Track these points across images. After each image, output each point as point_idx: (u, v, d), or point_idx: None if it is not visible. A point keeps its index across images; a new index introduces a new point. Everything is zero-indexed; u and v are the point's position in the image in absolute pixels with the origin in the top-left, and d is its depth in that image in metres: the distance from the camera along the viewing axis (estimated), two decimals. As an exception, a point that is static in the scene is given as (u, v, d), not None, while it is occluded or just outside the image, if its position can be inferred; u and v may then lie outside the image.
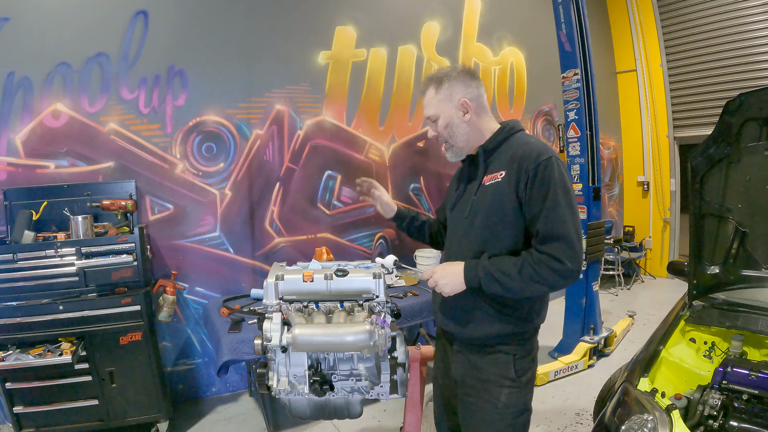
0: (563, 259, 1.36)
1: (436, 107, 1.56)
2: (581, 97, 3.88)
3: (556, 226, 1.38)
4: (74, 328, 2.56)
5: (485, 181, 1.53)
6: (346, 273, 1.82)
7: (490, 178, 1.51)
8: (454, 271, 1.48)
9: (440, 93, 1.55)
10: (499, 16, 5.05)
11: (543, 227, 1.39)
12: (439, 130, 1.58)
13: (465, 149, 1.59)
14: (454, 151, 1.60)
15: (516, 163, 1.44)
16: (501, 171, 1.48)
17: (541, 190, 1.39)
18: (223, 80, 3.47)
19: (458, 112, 1.54)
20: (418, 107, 4.41)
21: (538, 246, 1.40)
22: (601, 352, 4.02)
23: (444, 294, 1.51)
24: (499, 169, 1.49)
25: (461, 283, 1.47)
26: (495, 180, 1.49)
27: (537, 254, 1.39)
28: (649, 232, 6.61)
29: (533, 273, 1.38)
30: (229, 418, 3.21)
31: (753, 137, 2.15)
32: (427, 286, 1.75)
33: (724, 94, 5.49)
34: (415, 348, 2.12)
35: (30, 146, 2.91)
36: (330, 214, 3.97)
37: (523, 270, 1.39)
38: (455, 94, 1.54)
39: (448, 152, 1.62)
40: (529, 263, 1.39)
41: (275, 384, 1.70)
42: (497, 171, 1.49)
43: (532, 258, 1.39)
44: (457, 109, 1.54)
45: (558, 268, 1.36)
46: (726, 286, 2.35)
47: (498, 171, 1.49)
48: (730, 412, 1.65)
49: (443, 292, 1.51)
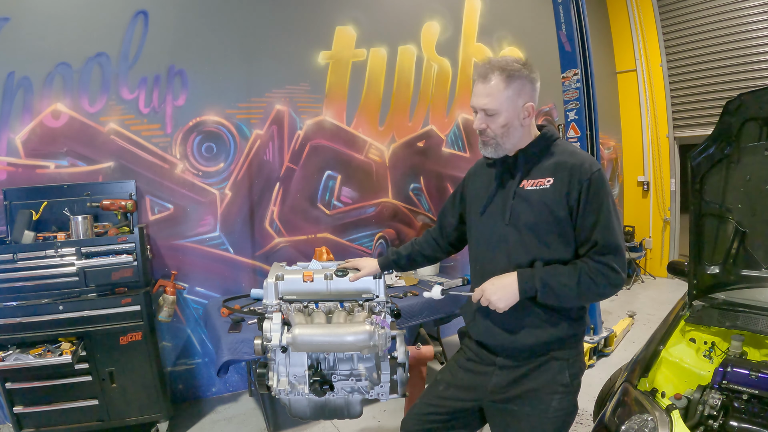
0: (618, 269, 1.38)
1: (500, 103, 1.43)
2: (581, 97, 3.88)
3: (611, 236, 1.39)
4: (74, 328, 2.55)
5: (524, 185, 1.48)
6: (346, 273, 1.82)
7: (532, 184, 1.46)
8: (506, 284, 1.41)
9: (509, 89, 1.42)
10: (499, 16, 5.05)
11: (600, 237, 1.39)
12: (494, 127, 1.46)
13: (508, 150, 1.51)
14: (498, 151, 1.50)
15: (566, 172, 1.42)
16: (547, 178, 1.44)
17: (596, 200, 1.40)
18: (223, 80, 3.47)
19: (520, 115, 1.46)
20: (418, 107, 4.41)
21: (594, 256, 1.40)
22: (601, 352, 4.02)
23: (499, 310, 1.43)
24: (544, 175, 1.45)
25: (515, 294, 1.41)
26: (541, 186, 1.45)
27: (594, 264, 1.39)
28: (649, 232, 6.61)
29: (591, 283, 1.37)
30: (229, 418, 3.21)
31: (753, 137, 2.15)
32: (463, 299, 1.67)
33: (724, 94, 5.48)
34: (415, 348, 2.12)
35: (30, 146, 2.91)
36: (330, 214, 3.97)
37: (581, 280, 1.37)
38: (524, 95, 1.45)
39: (488, 149, 1.50)
40: (587, 273, 1.38)
41: (275, 384, 1.71)
42: (542, 177, 1.45)
43: (590, 268, 1.38)
44: (520, 111, 1.45)
45: (613, 279, 1.38)
46: (726, 286, 2.35)
47: (543, 177, 1.45)
48: (730, 412, 1.65)
49: (498, 309, 1.42)
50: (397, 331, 1.83)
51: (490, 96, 1.43)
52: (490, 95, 1.43)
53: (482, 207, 1.56)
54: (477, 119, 1.48)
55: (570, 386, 1.50)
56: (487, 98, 1.44)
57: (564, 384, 1.49)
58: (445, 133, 4.61)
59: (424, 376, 2.14)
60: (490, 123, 1.46)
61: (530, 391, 1.49)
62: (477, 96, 1.46)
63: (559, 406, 1.48)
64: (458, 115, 4.69)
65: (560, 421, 1.50)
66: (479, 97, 1.45)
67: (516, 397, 1.50)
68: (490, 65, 1.44)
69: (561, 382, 1.49)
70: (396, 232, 4.30)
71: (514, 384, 1.50)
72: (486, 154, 1.52)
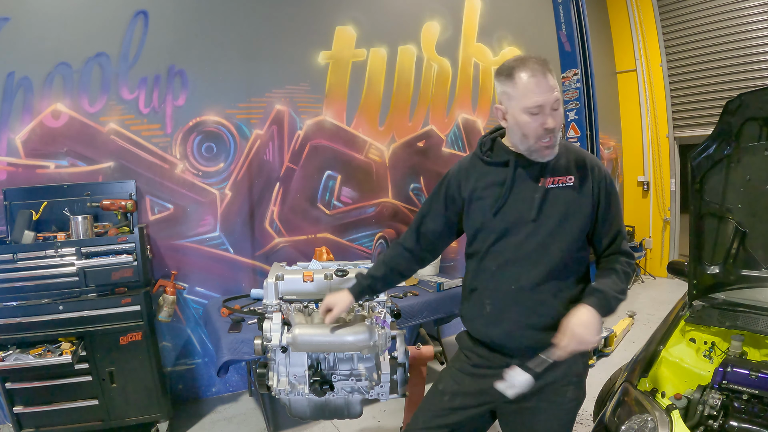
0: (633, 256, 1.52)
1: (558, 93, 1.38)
2: (581, 97, 3.89)
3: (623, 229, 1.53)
4: (74, 328, 2.55)
5: (547, 183, 1.45)
6: (346, 273, 1.82)
7: (555, 181, 1.45)
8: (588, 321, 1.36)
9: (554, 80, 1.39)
10: (499, 16, 5.05)
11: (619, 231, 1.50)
12: (560, 120, 1.40)
13: None
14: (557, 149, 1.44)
15: (587, 169, 1.48)
16: (569, 175, 1.45)
17: (613, 194, 1.50)
18: (223, 80, 3.47)
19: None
20: (418, 107, 4.41)
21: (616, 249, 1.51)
22: (601, 352, 4.02)
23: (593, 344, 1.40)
24: (565, 173, 1.46)
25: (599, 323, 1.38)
26: (564, 184, 1.45)
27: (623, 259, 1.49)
28: (649, 232, 6.61)
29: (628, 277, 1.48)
30: (229, 418, 3.21)
31: (753, 137, 2.15)
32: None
33: (724, 94, 5.47)
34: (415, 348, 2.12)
35: (30, 146, 2.91)
36: (330, 214, 3.97)
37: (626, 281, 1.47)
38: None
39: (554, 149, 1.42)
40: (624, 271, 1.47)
41: (275, 384, 1.71)
42: (563, 175, 1.45)
43: (623, 265, 1.48)
44: None
45: (633, 266, 1.51)
46: (726, 286, 2.35)
47: (564, 175, 1.45)
48: (730, 412, 1.65)
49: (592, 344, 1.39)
50: (397, 331, 1.83)
51: (556, 89, 1.37)
52: (556, 88, 1.36)
53: (495, 208, 1.48)
54: (549, 118, 1.36)
55: (583, 375, 1.54)
56: (556, 91, 1.36)
57: (578, 374, 1.52)
58: (445, 133, 4.61)
59: (424, 376, 2.14)
60: (557, 118, 1.38)
61: (546, 385, 1.47)
62: (545, 92, 1.34)
63: (573, 396, 1.50)
64: (458, 115, 4.69)
65: (574, 410, 1.52)
66: (549, 92, 1.34)
67: (532, 394, 1.46)
68: (541, 61, 1.38)
69: (576, 373, 1.51)
70: (396, 232, 4.30)
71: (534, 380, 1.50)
72: (548, 157, 1.42)
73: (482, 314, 1.54)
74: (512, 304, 1.48)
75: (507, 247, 1.48)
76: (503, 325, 1.49)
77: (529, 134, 1.39)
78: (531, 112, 1.36)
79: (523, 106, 1.36)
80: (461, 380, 1.58)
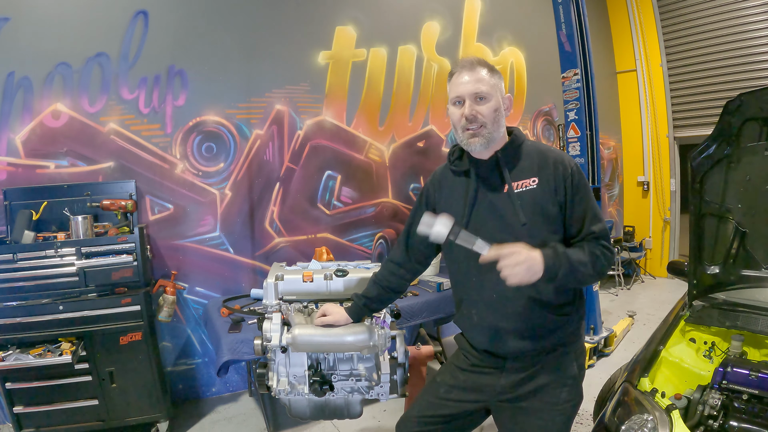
0: (612, 250, 1.46)
1: (490, 86, 1.43)
2: (581, 97, 3.88)
3: (601, 224, 1.46)
4: (74, 328, 2.55)
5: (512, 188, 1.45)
6: (345, 273, 1.82)
7: (518, 186, 1.45)
8: (533, 256, 1.29)
9: (493, 78, 1.45)
10: (499, 16, 5.05)
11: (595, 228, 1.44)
12: (486, 112, 1.42)
13: (491, 144, 1.46)
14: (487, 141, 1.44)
15: (550, 169, 1.44)
16: (532, 178, 1.45)
17: (581, 191, 1.45)
18: (223, 80, 3.47)
19: (502, 105, 1.48)
20: (418, 107, 4.42)
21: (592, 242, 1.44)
22: (601, 352, 4.02)
23: (510, 282, 1.28)
24: (528, 176, 1.46)
25: (538, 272, 1.29)
26: (528, 187, 1.45)
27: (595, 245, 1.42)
28: (649, 232, 6.61)
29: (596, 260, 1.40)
30: (229, 418, 3.21)
31: (753, 137, 2.15)
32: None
33: (724, 94, 5.48)
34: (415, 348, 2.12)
35: (30, 146, 2.91)
36: (330, 214, 3.97)
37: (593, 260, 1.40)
38: (502, 87, 1.49)
39: (479, 140, 1.43)
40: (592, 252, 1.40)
41: (275, 384, 1.71)
42: (526, 178, 1.46)
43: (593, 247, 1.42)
44: (502, 101, 1.48)
45: (610, 258, 1.44)
46: (726, 286, 2.35)
47: (527, 178, 1.45)
48: (730, 412, 1.65)
49: (509, 279, 1.28)
50: (397, 331, 1.83)
51: (480, 81, 1.42)
52: (482, 81, 1.43)
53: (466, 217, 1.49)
54: (466, 107, 1.42)
55: (578, 377, 1.53)
56: (481, 83, 1.42)
57: (572, 376, 1.52)
58: (445, 133, 4.61)
59: (424, 376, 2.14)
60: (480, 109, 1.42)
61: (540, 387, 1.49)
62: (464, 84, 1.43)
63: (568, 398, 1.50)
64: (458, 115, 4.68)
65: (569, 411, 1.52)
66: (468, 84, 1.42)
67: (526, 394, 1.50)
68: (470, 60, 1.46)
69: (570, 375, 1.51)
70: (396, 232, 4.30)
71: (524, 382, 1.51)
72: (475, 147, 1.45)
73: (471, 324, 1.58)
74: (496, 313, 1.50)
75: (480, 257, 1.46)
76: (490, 333, 1.53)
77: (455, 125, 1.48)
78: (453, 103, 1.47)
79: (449, 100, 1.49)
80: (457, 375, 1.63)
